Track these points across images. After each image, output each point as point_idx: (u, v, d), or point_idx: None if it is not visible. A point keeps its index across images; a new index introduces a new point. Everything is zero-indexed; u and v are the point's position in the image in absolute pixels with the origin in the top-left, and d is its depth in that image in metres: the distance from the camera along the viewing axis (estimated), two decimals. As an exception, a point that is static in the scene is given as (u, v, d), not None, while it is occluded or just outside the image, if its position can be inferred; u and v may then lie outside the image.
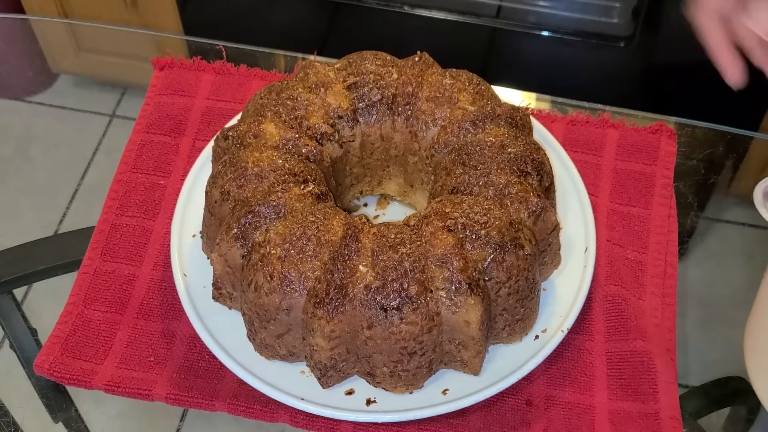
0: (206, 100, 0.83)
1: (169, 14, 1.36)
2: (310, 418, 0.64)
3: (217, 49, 0.86)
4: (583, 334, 0.68)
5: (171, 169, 0.78)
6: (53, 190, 0.97)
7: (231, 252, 0.62)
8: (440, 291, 0.59)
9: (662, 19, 1.20)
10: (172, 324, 0.69)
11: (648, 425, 0.63)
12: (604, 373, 0.66)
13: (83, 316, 0.69)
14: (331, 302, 0.59)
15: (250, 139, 0.66)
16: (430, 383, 0.64)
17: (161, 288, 0.71)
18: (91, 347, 0.68)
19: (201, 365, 0.67)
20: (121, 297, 0.70)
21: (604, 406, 0.65)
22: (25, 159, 0.97)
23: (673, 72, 1.23)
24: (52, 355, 0.67)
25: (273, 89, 0.69)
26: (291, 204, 0.62)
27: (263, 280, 0.60)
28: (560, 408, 0.65)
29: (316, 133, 0.67)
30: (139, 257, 0.73)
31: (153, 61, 0.85)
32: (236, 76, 0.85)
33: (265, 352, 0.64)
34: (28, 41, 1.01)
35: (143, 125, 0.81)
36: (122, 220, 0.75)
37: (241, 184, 0.63)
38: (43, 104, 1.09)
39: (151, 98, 0.83)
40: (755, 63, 0.60)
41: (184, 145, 0.80)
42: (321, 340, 0.60)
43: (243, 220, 0.62)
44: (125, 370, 0.67)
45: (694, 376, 0.71)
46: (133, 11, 1.36)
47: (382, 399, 0.63)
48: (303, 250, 0.60)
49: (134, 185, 0.77)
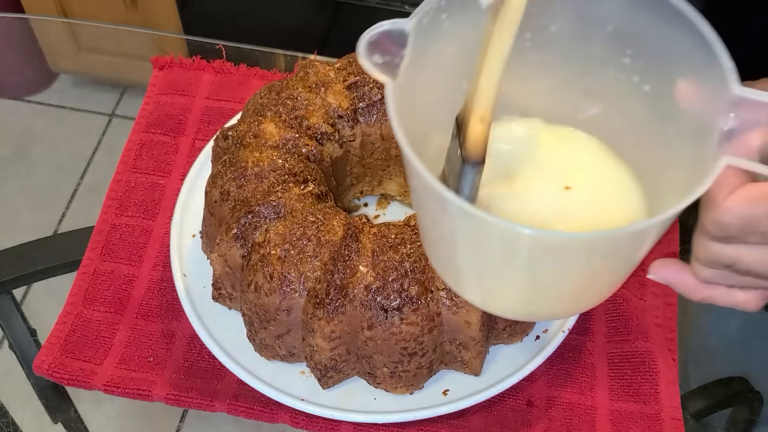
0: (206, 99, 0.83)
1: (168, 13, 1.36)
2: (310, 419, 0.64)
3: (216, 48, 0.86)
4: (584, 334, 0.68)
5: (170, 169, 0.78)
6: (52, 189, 0.97)
7: (231, 252, 0.62)
8: (441, 291, 0.59)
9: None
10: (171, 324, 0.69)
11: (649, 426, 0.63)
12: (605, 374, 0.66)
13: (83, 316, 0.69)
14: (331, 303, 0.58)
15: (250, 139, 0.66)
16: (431, 384, 0.64)
17: (161, 288, 0.71)
18: (90, 347, 0.68)
19: (201, 365, 0.67)
20: (120, 297, 0.70)
21: (605, 407, 0.64)
22: (24, 159, 0.97)
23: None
24: (51, 356, 0.67)
25: (273, 89, 0.69)
26: (291, 204, 0.62)
27: (263, 281, 0.60)
28: (561, 408, 0.65)
29: (317, 133, 0.67)
30: (138, 257, 0.72)
31: (152, 61, 0.85)
32: (236, 76, 0.84)
33: (265, 352, 0.64)
34: (28, 41, 1.01)
35: (143, 125, 0.81)
36: (122, 220, 0.75)
37: (241, 183, 0.63)
38: (42, 104, 1.09)
39: (150, 98, 0.83)
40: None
41: (184, 144, 0.80)
42: (321, 340, 0.60)
43: (243, 220, 0.61)
44: (125, 371, 0.66)
45: (696, 377, 0.71)
46: (133, 10, 1.36)
47: (382, 399, 0.63)
48: (303, 251, 0.60)
49: (134, 185, 0.77)
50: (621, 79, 0.50)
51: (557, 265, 0.44)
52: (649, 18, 0.43)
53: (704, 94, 0.44)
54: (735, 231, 0.40)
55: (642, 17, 0.46)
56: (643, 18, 0.45)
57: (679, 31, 0.44)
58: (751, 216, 0.39)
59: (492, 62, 0.43)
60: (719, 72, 0.42)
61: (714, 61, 0.43)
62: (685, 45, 0.44)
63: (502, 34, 0.42)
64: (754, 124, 0.41)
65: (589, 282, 0.48)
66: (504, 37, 0.42)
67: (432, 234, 0.49)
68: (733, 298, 0.45)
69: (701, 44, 0.43)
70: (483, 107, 0.45)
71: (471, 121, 0.45)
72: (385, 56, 0.45)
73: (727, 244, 0.41)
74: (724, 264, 0.42)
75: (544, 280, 0.46)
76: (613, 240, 0.42)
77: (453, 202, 0.41)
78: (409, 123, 0.44)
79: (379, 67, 0.44)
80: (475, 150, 0.46)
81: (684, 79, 0.46)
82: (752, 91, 0.41)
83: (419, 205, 0.49)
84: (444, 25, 0.47)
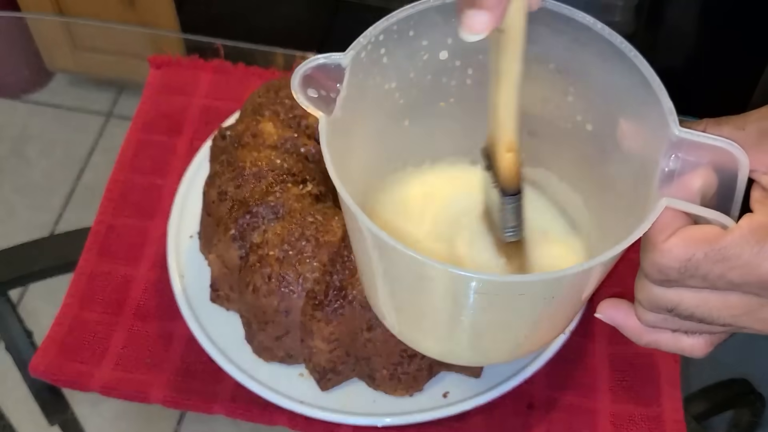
0: (204, 98, 0.82)
1: (166, 12, 1.35)
2: (308, 422, 0.63)
3: (214, 47, 0.86)
4: (585, 336, 0.67)
5: (168, 169, 0.78)
6: (49, 189, 0.96)
7: (228, 253, 0.62)
8: (441, 293, 0.59)
9: (665, 18, 1.20)
10: (169, 326, 0.69)
11: (651, 428, 0.63)
12: (606, 376, 0.66)
13: (79, 317, 0.69)
14: (330, 304, 0.58)
15: (248, 139, 0.65)
16: (431, 386, 0.63)
17: (158, 289, 0.70)
18: (87, 349, 0.67)
19: (198, 367, 0.66)
20: (117, 298, 0.70)
21: (607, 409, 0.64)
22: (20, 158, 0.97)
23: (675, 71, 1.23)
24: (47, 357, 0.66)
25: (271, 88, 0.69)
26: (289, 204, 0.61)
27: (261, 282, 0.59)
28: (562, 411, 0.64)
29: (315, 132, 0.67)
30: (135, 258, 0.72)
31: (150, 60, 0.85)
32: (234, 75, 0.84)
33: (264, 354, 0.64)
34: (24, 39, 1.01)
35: (140, 124, 0.80)
36: (119, 220, 0.74)
37: (239, 184, 0.63)
38: (38, 103, 1.09)
39: (147, 97, 0.82)
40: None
41: (182, 144, 0.79)
42: (320, 342, 0.59)
43: (241, 220, 0.61)
44: (122, 372, 0.66)
45: (697, 379, 0.71)
46: (130, 9, 1.35)
47: (381, 402, 0.63)
48: (301, 251, 0.59)
49: (131, 185, 0.76)
50: (564, 117, 0.50)
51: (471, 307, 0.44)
52: (591, 56, 0.43)
53: (645, 135, 0.44)
54: (674, 274, 0.40)
55: (584, 55, 0.45)
56: (586, 56, 0.44)
57: (621, 70, 0.44)
58: (689, 259, 0.39)
59: (506, 91, 0.43)
60: (660, 113, 0.42)
61: (654, 102, 0.42)
62: (627, 84, 0.44)
63: (508, 61, 0.42)
64: (694, 165, 0.41)
65: (505, 329, 0.47)
66: (511, 64, 0.42)
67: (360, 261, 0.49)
68: (679, 343, 0.44)
69: (642, 84, 0.43)
70: (508, 136, 0.44)
71: (498, 152, 0.45)
72: (321, 90, 0.44)
73: (669, 287, 0.41)
74: (666, 308, 0.42)
75: (464, 319, 0.46)
76: (531, 286, 0.42)
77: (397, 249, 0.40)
78: (343, 158, 0.44)
79: (313, 101, 0.43)
80: (510, 179, 0.45)
81: (625, 119, 0.46)
82: (692, 132, 0.41)
83: (353, 240, 0.49)
84: (383, 59, 0.47)
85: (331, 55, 0.44)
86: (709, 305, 0.40)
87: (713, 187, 0.41)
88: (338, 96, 0.44)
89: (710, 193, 0.41)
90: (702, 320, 0.41)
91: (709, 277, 0.39)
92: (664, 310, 0.42)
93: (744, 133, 0.41)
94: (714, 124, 0.42)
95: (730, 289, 0.39)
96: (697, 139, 0.41)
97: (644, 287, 0.42)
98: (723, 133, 0.41)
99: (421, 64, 0.49)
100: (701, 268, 0.39)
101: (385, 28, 0.45)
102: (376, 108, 0.50)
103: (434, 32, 0.48)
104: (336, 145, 0.43)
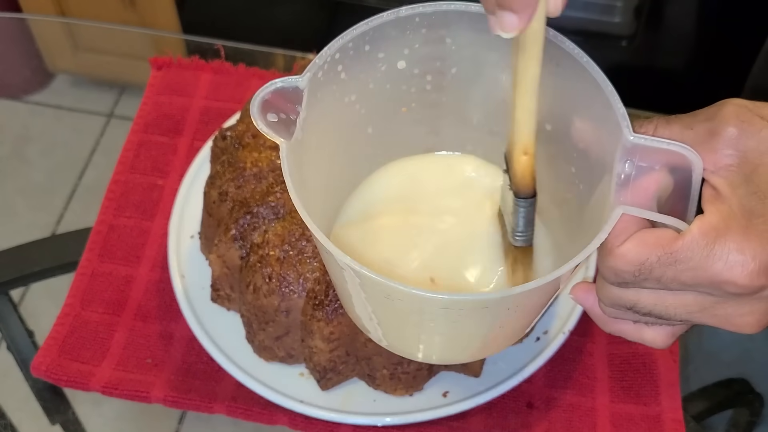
0: (204, 99, 0.82)
1: (167, 13, 1.35)
2: (309, 421, 0.63)
3: (215, 48, 0.86)
4: (584, 335, 0.67)
5: (169, 170, 0.78)
6: (50, 190, 0.96)
7: (229, 253, 0.62)
8: (441, 292, 0.59)
9: (665, 18, 1.20)
10: (170, 326, 0.69)
11: (650, 427, 0.63)
12: (605, 375, 0.66)
13: (80, 317, 0.69)
14: (331, 304, 0.58)
15: (249, 139, 0.66)
16: (431, 385, 0.63)
17: (159, 289, 0.70)
18: (88, 349, 0.67)
19: (199, 367, 0.66)
20: (118, 298, 0.70)
21: (606, 408, 0.64)
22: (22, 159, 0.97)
23: (674, 71, 1.23)
24: (49, 357, 0.66)
25: (272, 89, 0.69)
26: (290, 204, 0.61)
27: (262, 282, 0.59)
28: (561, 410, 0.64)
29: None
30: (136, 258, 0.72)
31: (151, 61, 0.85)
32: (235, 76, 0.84)
33: (264, 354, 0.64)
34: (25, 40, 1.01)
35: (141, 125, 0.80)
36: (120, 220, 0.74)
37: (240, 184, 0.63)
38: (40, 104, 1.09)
39: (148, 98, 0.82)
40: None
41: (182, 145, 0.79)
42: (320, 342, 0.60)
43: (241, 221, 0.61)
44: (123, 372, 0.66)
45: (696, 378, 0.71)
46: (131, 10, 1.35)
47: (382, 401, 0.63)
48: (302, 252, 0.59)
49: (132, 186, 0.76)
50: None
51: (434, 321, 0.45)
52: (547, 62, 0.43)
53: (601, 140, 0.44)
54: (630, 277, 0.41)
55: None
56: (544, 62, 0.45)
57: (575, 76, 0.45)
58: (643, 263, 0.40)
59: (525, 93, 0.43)
60: (613, 118, 0.42)
61: (608, 106, 0.43)
62: (581, 89, 0.45)
63: (527, 63, 0.42)
64: (648, 170, 0.42)
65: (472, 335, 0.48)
66: (530, 67, 0.42)
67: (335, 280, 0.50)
68: (642, 334, 0.45)
69: (595, 89, 0.44)
70: (525, 139, 0.44)
71: (515, 155, 0.45)
72: (281, 114, 0.44)
73: (626, 288, 0.42)
74: (625, 306, 0.43)
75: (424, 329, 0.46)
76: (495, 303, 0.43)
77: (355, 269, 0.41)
78: (309, 178, 0.44)
79: (273, 126, 0.43)
80: (524, 183, 0.45)
81: (581, 120, 0.46)
82: (646, 138, 0.41)
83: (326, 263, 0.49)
84: (341, 75, 0.47)
85: (287, 79, 0.44)
86: (665, 304, 0.42)
87: (669, 189, 0.42)
88: (298, 118, 0.44)
89: (666, 194, 0.42)
90: (660, 317, 0.43)
91: (663, 279, 0.40)
92: (623, 308, 0.43)
93: (693, 133, 0.41)
94: (664, 122, 0.42)
95: (684, 289, 0.41)
96: (651, 144, 0.41)
97: (603, 287, 0.43)
98: (673, 132, 0.42)
99: (380, 74, 0.49)
100: (655, 271, 0.40)
101: (340, 46, 0.46)
102: (338, 121, 0.50)
103: (390, 45, 0.48)
104: (299, 169, 0.43)
